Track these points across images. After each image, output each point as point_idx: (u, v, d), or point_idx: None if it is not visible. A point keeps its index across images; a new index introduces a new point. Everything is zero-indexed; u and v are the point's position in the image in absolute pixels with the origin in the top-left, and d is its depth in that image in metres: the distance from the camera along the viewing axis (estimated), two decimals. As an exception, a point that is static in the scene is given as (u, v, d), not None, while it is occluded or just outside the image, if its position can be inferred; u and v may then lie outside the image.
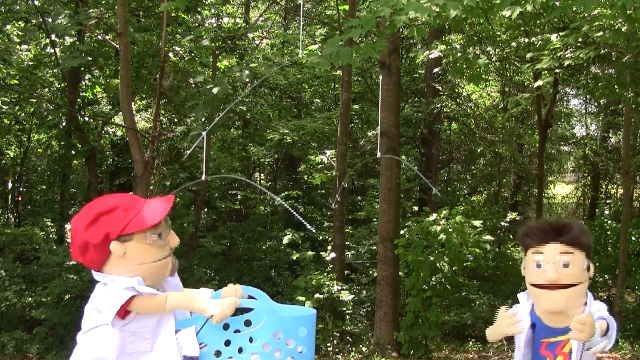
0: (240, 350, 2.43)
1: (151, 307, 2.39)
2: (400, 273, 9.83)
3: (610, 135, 18.74)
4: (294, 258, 11.26)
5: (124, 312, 2.37)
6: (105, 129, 13.39)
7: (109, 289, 2.40)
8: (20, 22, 12.47)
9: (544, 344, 2.58)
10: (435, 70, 13.25)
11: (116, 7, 9.32)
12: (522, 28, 9.77)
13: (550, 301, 2.52)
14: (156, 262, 2.46)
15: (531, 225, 2.65)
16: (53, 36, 11.73)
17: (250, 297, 2.61)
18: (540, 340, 2.58)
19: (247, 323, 2.57)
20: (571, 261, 2.51)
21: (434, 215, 9.17)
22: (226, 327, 2.50)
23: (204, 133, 2.95)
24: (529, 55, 9.18)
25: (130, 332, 2.40)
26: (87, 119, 13.11)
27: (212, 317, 2.35)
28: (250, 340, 2.44)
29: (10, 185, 15.26)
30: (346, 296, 9.98)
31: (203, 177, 3.09)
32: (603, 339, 2.39)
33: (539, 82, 9.78)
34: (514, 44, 10.36)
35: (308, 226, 3.08)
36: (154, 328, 2.42)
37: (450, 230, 8.71)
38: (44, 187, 15.07)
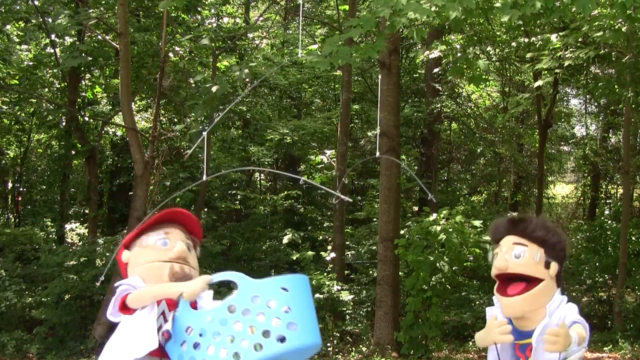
0: (223, 323, 2.41)
1: (139, 299, 2.58)
2: (400, 273, 9.83)
3: (610, 135, 18.73)
4: (294, 258, 11.26)
5: (122, 306, 2.59)
6: (105, 129, 13.39)
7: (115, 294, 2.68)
8: (20, 22, 12.47)
9: (516, 346, 2.59)
10: (435, 70, 13.24)
11: (116, 7, 9.33)
12: (522, 28, 9.77)
13: (508, 307, 2.52)
14: (149, 263, 2.70)
15: (495, 221, 2.70)
16: (53, 36, 11.73)
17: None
18: (513, 342, 2.58)
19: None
20: (523, 252, 2.51)
21: (434, 215, 9.17)
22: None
23: (204, 133, 2.96)
24: (529, 55, 9.19)
25: (131, 321, 2.60)
26: (87, 119, 13.11)
27: (182, 295, 2.38)
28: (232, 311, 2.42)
29: (10, 185, 15.26)
30: (346, 296, 9.98)
31: (204, 177, 3.13)
32: (580, 348, 2.36)
33: (539, 82, 9.79)
34: (514, 44, 10.36)
35: (339, 195, 3.11)
36: (146, 314, 2.60)
37: (450, 230, 8.71)
38: (44, 187, 15.07)
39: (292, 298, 2.44)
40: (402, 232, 9.55)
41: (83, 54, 10.34)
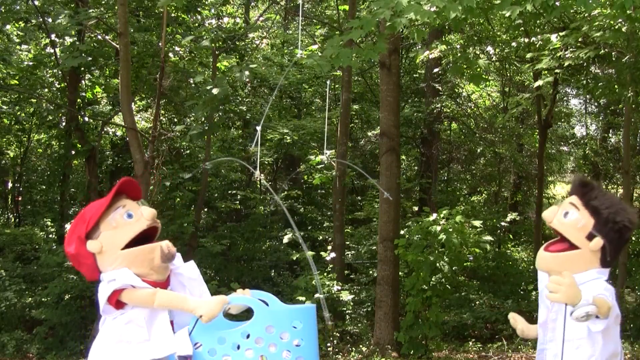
0: (235, 347, 2.47)
1: (139, 301, 2.46)
2: (400, 273, 9.82)
3: (610, 135, 18.73)
4: (294, 258, 11.26)
5: (115, 302, 2.47)
6: (105, 129, 13.38)
7: (101, 286, 2.53)
8: (20, 22, 12.46)
9: None
10: (435, 70, 13.24)
11: (116, 7, 9.32)
12: (522, 28, 9.76)
13: (538, 259, 2.54)
14: (134, 248, 2.52)
15: (575, 179, 2.70)
16: (53, 36, 11.72)
17: (261, 301, 2.63)
18: None
19: None
20: (572, 214, 2.49)
21: (434, 215, 9.17)
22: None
23: (258, 129, 2.98)
24: (529, 55, 9.17)
25: (126, 320, 2.49)
26: (87, 119, 13.11)
27: (201, 317, 2.37)
28: (247, 337, 2.47)
29: (10, 185, 15.25)
30: (346, 296, 9.97)
31: (257, 172, 3.14)
32: (589, 306, 2.23)
33: (539, 82, 9.77)
34: (514, 44, 10.36)
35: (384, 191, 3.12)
36: (148, 316, 2.49)
37: (450, 230, 8.70)
38: (44, 187, 15.06)
39: (303, 332, 2.52)
40: (402, 232, 9.54)
41: (83, 54, 10.33)
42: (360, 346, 10.18)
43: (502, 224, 14.18)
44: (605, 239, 2.46)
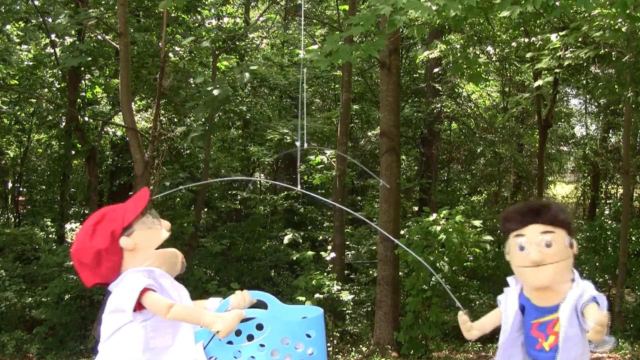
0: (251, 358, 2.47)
1: (155, 306, 2.40)
2: (400, 273, 9.82)
3: (610, 135, 18.74)
4: (294, 258, 11.26)
5: (138, 304, 2.38)
6: (105, 129, 13.39)
7: (126, 282, 2.43)
8: (20, 22, 12.47)
9: (534, 326, 2.56)
10: (435, 70, 13.24)
11: (116, 7, 9.33)
12: (522, 28, 9.76)
13: (538, 277, 2.49)
14: (165, 249, 2.54)
15: (510, 210, 2.66)
16: (53, 36, 11.73)
17: (260, 301, 2.63)
18: (530, 322, 2.56)
19: (259, 327, 2.58)
20: (553, 240, 2.50)
21: (434, 215, 9.16)
22: (238, 333, 2.55)
23: (298, 144, 2.96)
24: (529, 55, 9.17)
25: (152, 327, 2.44)
26: (87, 119, 13.11)
27: (218, 333, 2.36)
28: (261, 347, 2.47)
29: (10, 185, 15.26)
30: (346, 296, 9.97)
31: (297, 187, 3.11)
32: (611, 339, 2.38)
33: (539, 82, 9.77)
34: (514, 44, 10.36)
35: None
36: (173, 322, 2.46)
37: (450, 230, 8.70)
38: (44, 187, 15.07)
39: (316, 341, 2.54)
40: (402, 232, 9.54)
41: (83, 54, 10.34)
42: (360, 346, 10.18)
43: (502, 224, 14.14)
44: (573, 236, 2.61)
